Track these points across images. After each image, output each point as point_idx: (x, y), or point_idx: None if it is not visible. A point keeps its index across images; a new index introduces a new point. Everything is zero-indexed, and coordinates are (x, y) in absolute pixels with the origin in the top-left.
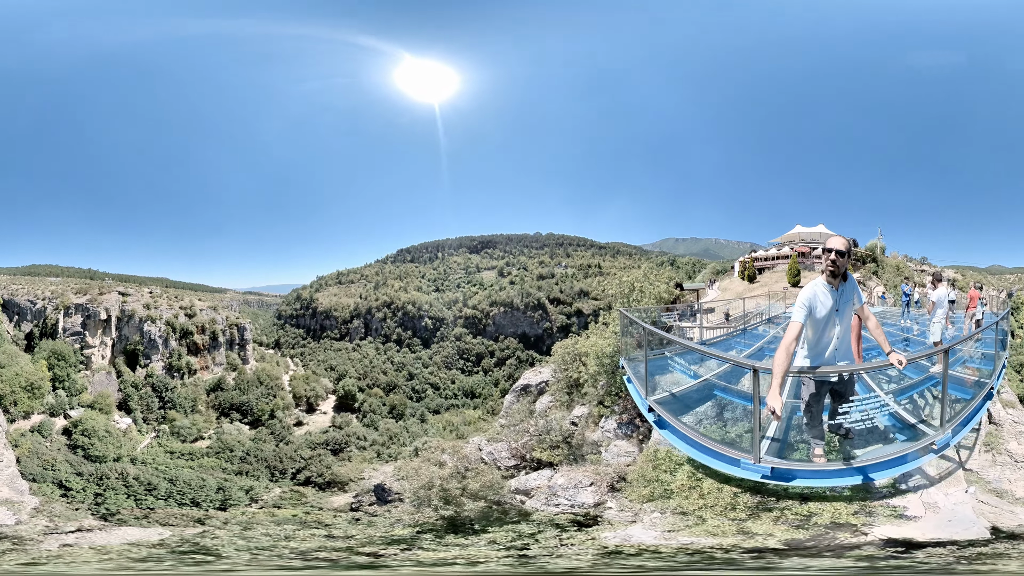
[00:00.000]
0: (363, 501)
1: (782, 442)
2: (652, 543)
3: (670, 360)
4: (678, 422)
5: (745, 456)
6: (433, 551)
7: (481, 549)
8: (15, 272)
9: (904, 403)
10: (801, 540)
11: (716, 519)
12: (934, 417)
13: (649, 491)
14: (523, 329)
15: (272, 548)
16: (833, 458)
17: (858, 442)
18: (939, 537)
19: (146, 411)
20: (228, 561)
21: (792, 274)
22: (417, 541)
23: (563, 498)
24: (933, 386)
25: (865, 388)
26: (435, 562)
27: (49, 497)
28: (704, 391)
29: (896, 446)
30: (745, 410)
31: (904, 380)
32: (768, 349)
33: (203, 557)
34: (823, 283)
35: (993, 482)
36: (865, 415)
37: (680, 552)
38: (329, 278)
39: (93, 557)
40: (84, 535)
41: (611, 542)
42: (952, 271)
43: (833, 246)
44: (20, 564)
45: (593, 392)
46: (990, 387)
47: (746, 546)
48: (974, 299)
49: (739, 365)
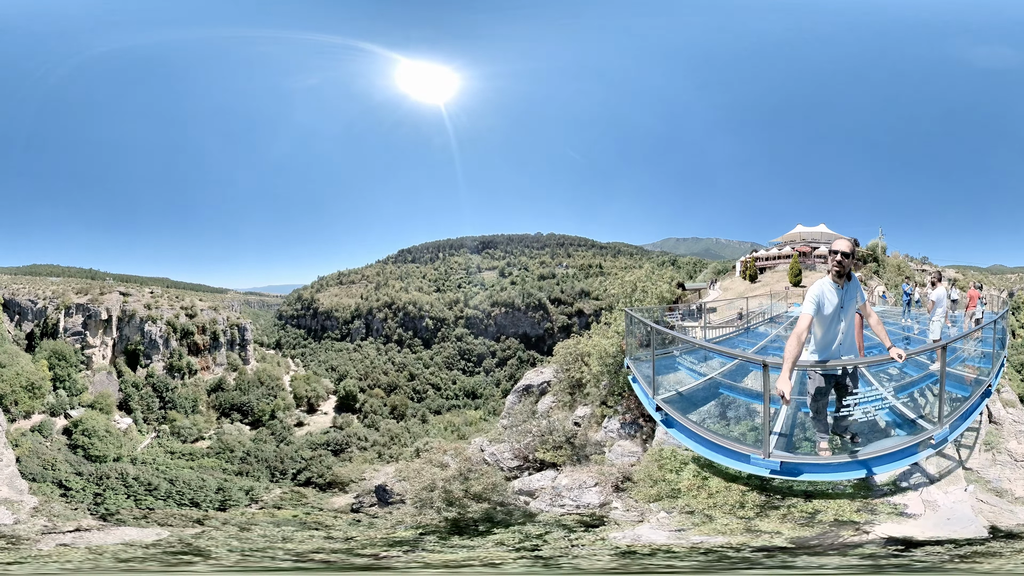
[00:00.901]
0: (364, 502)
1: (788, 437)
2: (664, 543)
3: (676, 359)
4: (686, 420)
5: (755, 452)
6: (439, 552)
7: (490, 550)
8: (16, 272)
9: (904, 399)
10: (807, 538)
11: (725, 517)
12: (933, 413)
13: (656, 491)
14: (524, 329)
15: (267, 550)
16: (837, 452)
17: (860, 436)
18: (937, 535)
19: (146, 411)
20: (216, 563)
21: (793, 274)
22: (420, 543)
23: (568, 499)
24: (932, 383)
25: (867, 383)
26: (446, 563)
27: (48, 497)
28: (710, 389)
29: (896, 440)
30: (749, 408)
31: (904, 377)
32: (771, 348)
33: (191, 559)
34: (829, 282)
35: (993, 481)
36: (867, 411)
37: (694, 551)
38: (330, 278)
39: (82, 557)
40: (82, 535)
41: (621, 542)
42: (953, 271)
43: (839, 248)
44: (4, 564)
45: (596, 392)
46: (988, 385)
47: (755, 544)
48: (974, 299)
49: (750, 361)
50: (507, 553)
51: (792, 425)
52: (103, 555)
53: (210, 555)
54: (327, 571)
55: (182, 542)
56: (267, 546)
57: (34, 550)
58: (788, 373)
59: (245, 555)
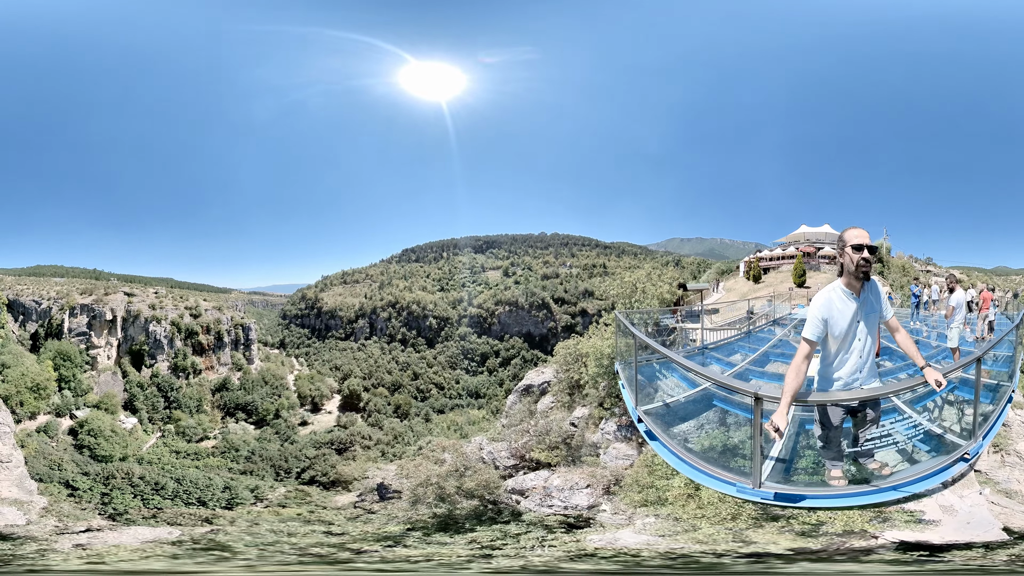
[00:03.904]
0: (366, 500)
1: (789, 462)
2: (635, 546)
3: (664, 366)
4: (667, 436)
5: (742, 480)
6: (415, 548)
7: (453, 548)
8: (20, 272)
9: (921, 411)
10: (810, 547)
11: (712, 528)
12: (961, 425)
13: (643, 497)
14: (528, 329)
15: (275, 544)
16: (856, 480)
17: (885, 465)
18: (958, 540)
19: (151, 411)
20: (241, 557)
21: (797, 274)
22: (403, 539)
23: (557, 499)
24: (951, 390)
25: (895, 412)
26: (407, 558)
27: (56, 497)
28: (702, 401)
29: (927, 463)
30: (738, 423)
31: (925, 386)
32: (773, 354)
33: (220, 553)
34: (841, 288)
35: (1003, 483)
36: (896, 442)
37: (660, 556)
38: (334, 278)
39: (121, 552)
40: (95, 535)
41: (596, 544)
42: (958, 271)
43: (861, 240)
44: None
45: (594, 394)
46: (1011, 390)
47: (745, 551)
48: (987, 301)
49: (734, 389)
50: (463, 551)
51: (793, 447)
52: (142, 550)
53: (231, 550)
54: (322, 564)
55: (204, 538)
56: (275, 541)
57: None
58: (786, 408)
59: (261, 548)
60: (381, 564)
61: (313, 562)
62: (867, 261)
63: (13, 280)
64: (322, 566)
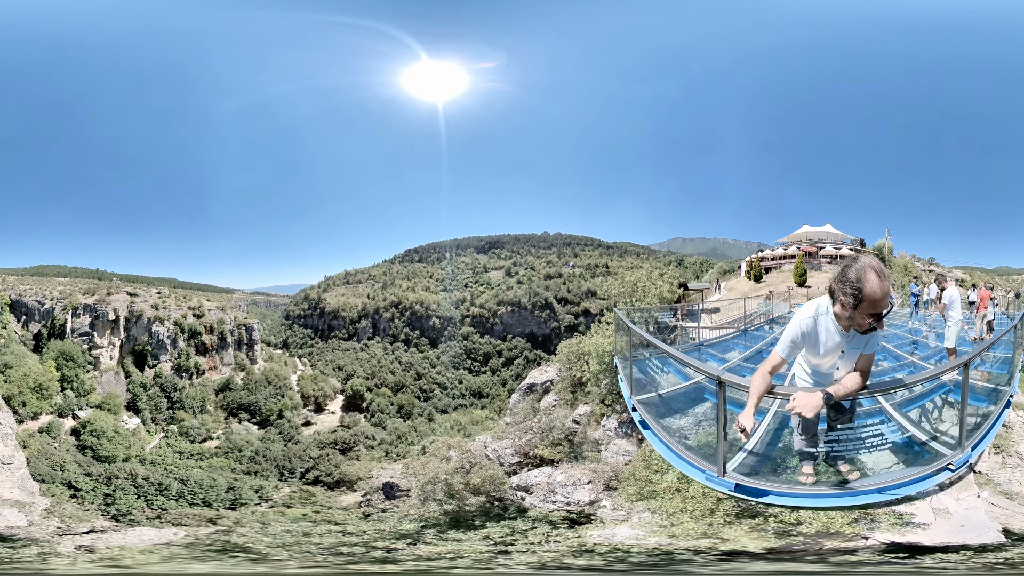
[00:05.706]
0: (371, 499)
1: (761, 456)
2: (628, 542)
3: (661, 361)
4: (657, 424)
5: (710, 468)
6: (436, 544)
7: (473, 544)
8: (23, 272)
9: (909, 414)
10: (788, 544)
11: (692, 523)
12: (948, 433)
13: (636, 490)
14: (531, 328)
15: (298, 544)
16: (824, 480)
17: (857, 470)
18: (951, 542)
19: (154, 411)
20: (272, 559)
21: (798, 274)
22: (421, 536)
23: (560, 495)
24: (944, 393)
25: (872, 401)
26: (431, 556)
27: (59, 498)
28: (693, 393)
29: (905, 469)
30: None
31: (914, 388)
32: (767, 351)
33: (243, 555)
34: (832, 320)
35: (1003, 484)
36: (872, 442)
37: (647, 553)
38: (337, 278)
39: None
40: (99, 536)
41: (594, 540)
42: (960, 271)
43: (878, 309)
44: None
45: (596, 391)
46: (1009, 395)
47: (723, 549)
48: (985, 299)
49: (702, 372)
50: (480, 546)
51: (770, 444)
52: (157, 551)
53: (254, 551)
54: (348, 564)
55: (218, 540)
56: (296, 541)
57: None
58: (752, 409)
59: (287, 548)
60: (417, 562)
61: (351, 562)
62: (878, 316)
63: (16, 280)
64: (364, 564)
